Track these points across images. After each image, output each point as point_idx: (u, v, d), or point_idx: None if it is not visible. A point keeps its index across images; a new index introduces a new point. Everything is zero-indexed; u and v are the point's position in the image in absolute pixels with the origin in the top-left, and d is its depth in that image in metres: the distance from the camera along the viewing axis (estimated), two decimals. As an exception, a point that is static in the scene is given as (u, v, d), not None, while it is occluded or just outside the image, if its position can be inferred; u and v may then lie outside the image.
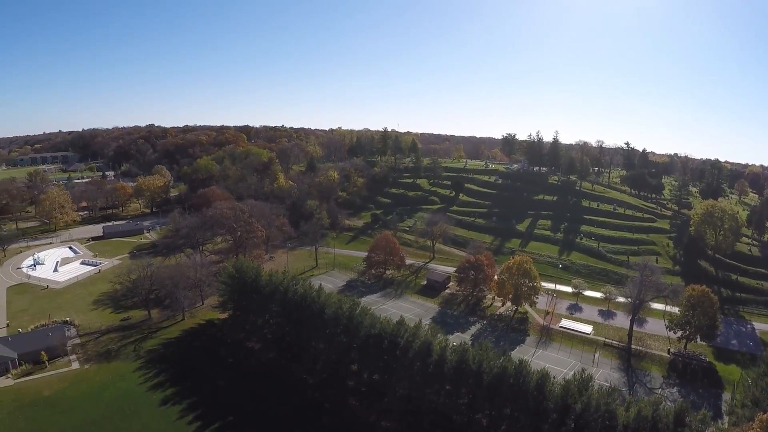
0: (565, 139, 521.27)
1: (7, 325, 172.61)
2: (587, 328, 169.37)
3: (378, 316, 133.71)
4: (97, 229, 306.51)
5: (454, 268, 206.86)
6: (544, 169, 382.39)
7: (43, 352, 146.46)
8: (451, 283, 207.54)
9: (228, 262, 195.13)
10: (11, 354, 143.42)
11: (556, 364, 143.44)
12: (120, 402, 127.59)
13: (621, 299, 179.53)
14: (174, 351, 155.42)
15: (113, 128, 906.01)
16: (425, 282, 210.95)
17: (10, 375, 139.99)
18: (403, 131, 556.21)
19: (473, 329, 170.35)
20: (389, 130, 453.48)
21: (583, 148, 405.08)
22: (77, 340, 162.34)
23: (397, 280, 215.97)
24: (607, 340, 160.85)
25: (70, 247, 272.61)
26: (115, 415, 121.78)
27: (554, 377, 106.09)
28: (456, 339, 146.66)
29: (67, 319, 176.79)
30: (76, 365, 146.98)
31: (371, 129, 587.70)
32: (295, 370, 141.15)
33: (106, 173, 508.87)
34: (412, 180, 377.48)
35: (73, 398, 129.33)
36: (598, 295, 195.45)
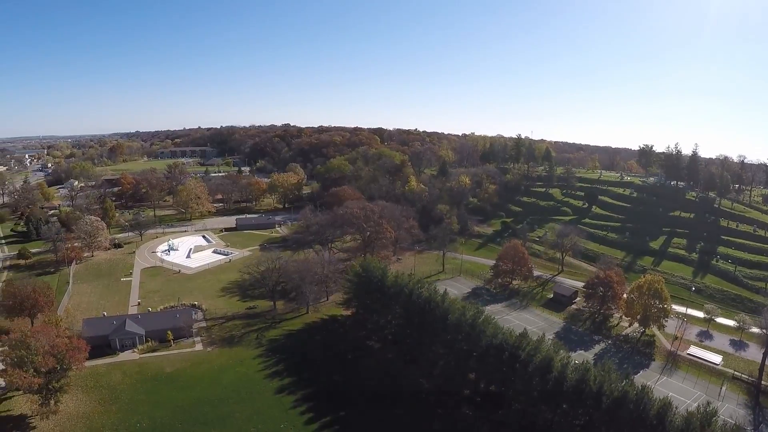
0: (705, 152, 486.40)
1: (139, 303, 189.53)
2: (716, 358, 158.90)
3: (501, 326, 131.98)
4: (230, 221, 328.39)
5: (583, 283, 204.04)
6: (681, 183, 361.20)
7: (169, 332, 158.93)
8: (578, 299, 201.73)
9: (355, 261, 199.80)
10: (140, 331, 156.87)
11: (679, 394, 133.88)
12: (237, 385, 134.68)
13: (756, 330, 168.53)
14: (295, 342, 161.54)
15: (250, 126, 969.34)
16: (551, 295, 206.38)
17: (136, 350, 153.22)
18: (536, 138, 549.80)
19: (597, 348, 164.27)
20: (523, 137, 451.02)
21: (723, 162, 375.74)
22: (203, 324, 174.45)
23: (523, 291, 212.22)
24: (736, 372, 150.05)
25: (204, 236, 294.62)
26: (231, 398, 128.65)
27: (676, 407, 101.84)
28: (578, 357, 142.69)
29: (195, 303, 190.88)
30: (199, 347, 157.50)
31: (504, 135, 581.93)
32: (412, 373, 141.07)
33: (242, 168, 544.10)
34: (544, 189, 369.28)
35: (193, 377, 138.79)
36: (730, 323, 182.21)
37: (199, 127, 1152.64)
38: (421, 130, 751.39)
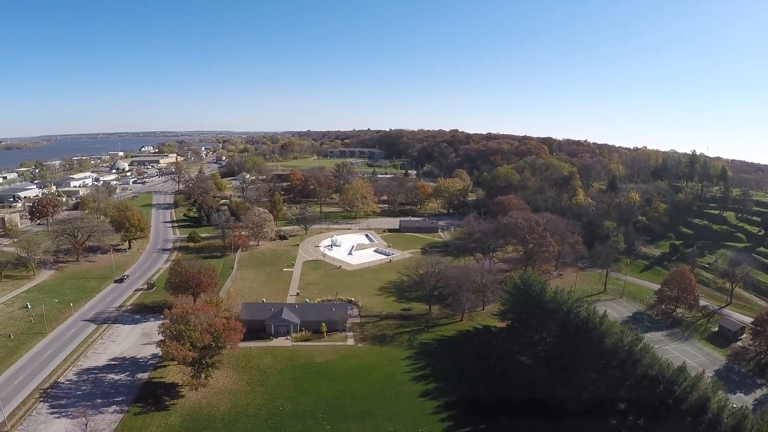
0: None
1: (297, 294, 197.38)
2: None
3: (658, 357, 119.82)
4: (394, 222, 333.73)
5: (752, 319, 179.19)
6: None
7: (323, 324, 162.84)
8: (744, 335, 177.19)
9: (515, 272, 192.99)
10: (295, 320, 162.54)
11: None
12: (383, 384, 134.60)
13: None
14: (446, 348, 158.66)
15: (418, 130, 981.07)
16: (716, 328, 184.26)
17: (290, 338, 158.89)
18: (712, 156, 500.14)
19: (759, 393, 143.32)
20: (698, 153, 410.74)
21: None
22: (357, 320, 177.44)
23: (687, 320, 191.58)
24: None
25: (366, 235, 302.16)
26: (375, 395, 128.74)
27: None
28: (737, 400, 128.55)
29: (352, 299, 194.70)
30: (351, 341, 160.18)
31: (678, 150, 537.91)
32: (559, 394, 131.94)
33: (409, 171, 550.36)
34: (718, 212, 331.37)
35: (341, 370, 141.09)
36: None
37: (369, 129, 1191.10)
38: (590, 141, 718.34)
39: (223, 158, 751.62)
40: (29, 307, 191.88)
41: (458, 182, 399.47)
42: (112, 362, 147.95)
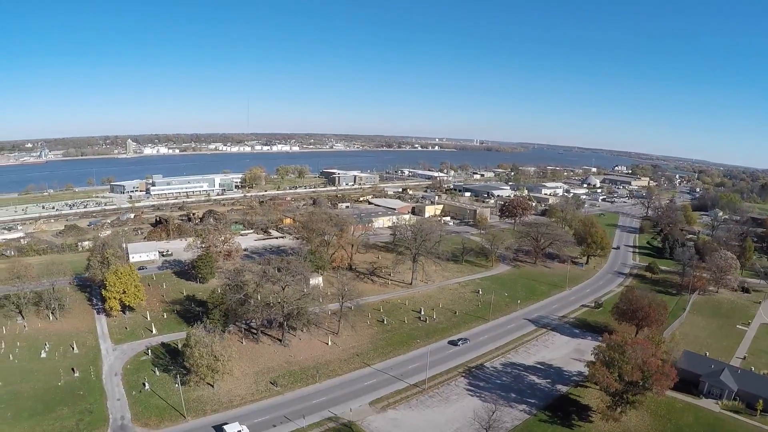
0: None
1: (744, 357, 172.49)
2: None
3: None
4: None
5: None
6: None
7: (760, 401, 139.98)
8: None
9: None
10: (732, 385, 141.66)
11: None
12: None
13: None
14: None
15: None
16: None
17: (719, 403, 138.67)
18: None
19: None
20: None
21: None
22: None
23: None
24: None
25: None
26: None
27: None
28: None
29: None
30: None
31: None
32: None
33: None
34: None
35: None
36: None
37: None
38: None
39: (697, 189, 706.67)
40: (480, 293, 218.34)
41: None
42: (538, 365, 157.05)
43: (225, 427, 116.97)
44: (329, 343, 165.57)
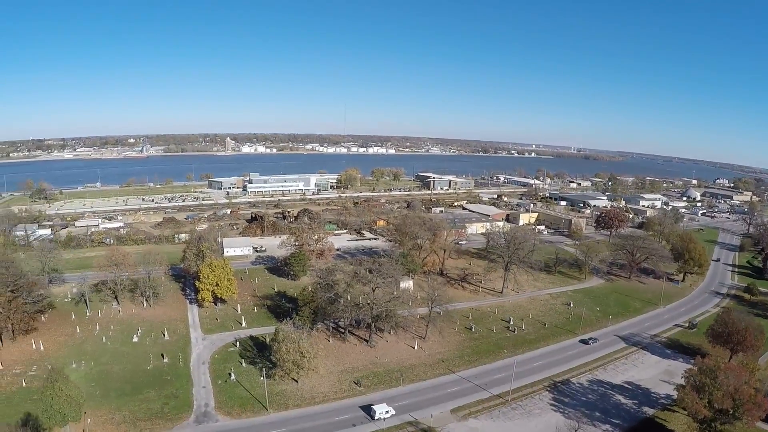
0: None
1: None
2: None
3: None
4: None
5: None
6: None
7: None
8: None
9: None
10: None
11: None
12: None
13: None
14: None
15: None
16: None
17: None
18: None
19: None
20: None
21: None
22: None
23: None
24: None
25: None
26: None
27: None
28: None
29: None
30: None
31: None
32: None
33: None
34: None
35: None
36: None
37: None
38: None
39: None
40: (571, 305, 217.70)
41: None
42: (626, 385, 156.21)
43: (374, 407, 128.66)
44: (415, 347, 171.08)
